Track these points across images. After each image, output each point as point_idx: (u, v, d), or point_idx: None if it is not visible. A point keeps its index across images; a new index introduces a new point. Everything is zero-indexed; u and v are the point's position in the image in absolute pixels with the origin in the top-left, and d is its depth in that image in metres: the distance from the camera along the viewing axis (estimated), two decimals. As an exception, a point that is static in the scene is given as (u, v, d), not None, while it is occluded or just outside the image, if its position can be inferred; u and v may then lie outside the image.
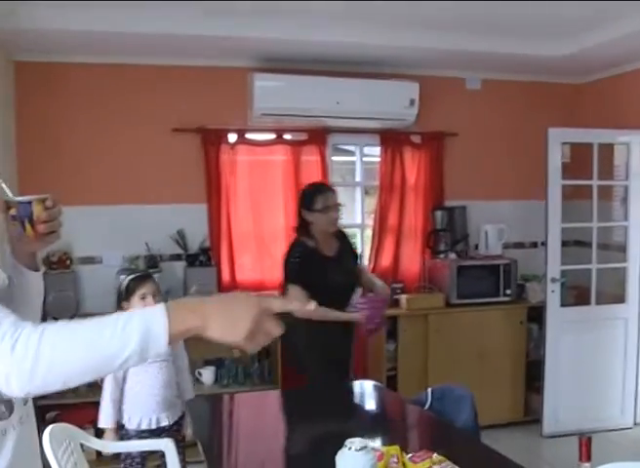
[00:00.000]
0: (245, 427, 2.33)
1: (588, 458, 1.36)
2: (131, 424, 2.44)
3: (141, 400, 2.44)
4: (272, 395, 3.02)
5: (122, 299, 2.47)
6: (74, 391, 3.41)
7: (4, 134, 3.37)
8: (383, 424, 2.27)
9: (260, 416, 2.41)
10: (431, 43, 3.48)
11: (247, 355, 3.67)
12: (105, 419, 2.42)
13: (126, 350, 0.83)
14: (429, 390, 2.35)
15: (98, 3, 2.90)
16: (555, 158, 3.71)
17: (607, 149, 4.01)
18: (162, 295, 2.60)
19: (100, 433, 2.52)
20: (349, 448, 1.46)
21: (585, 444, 1.38)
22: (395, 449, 1.65)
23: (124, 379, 2.44)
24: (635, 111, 3.89)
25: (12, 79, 3.50)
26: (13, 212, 1.08)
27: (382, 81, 3.76)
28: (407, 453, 1.65)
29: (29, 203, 1.07)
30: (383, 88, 3.75)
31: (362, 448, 1.45)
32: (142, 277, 2.52)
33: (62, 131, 3.60)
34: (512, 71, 4.14)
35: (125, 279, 2.53)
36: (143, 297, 2.42)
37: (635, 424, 3.92)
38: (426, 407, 2.31)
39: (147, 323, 0.85)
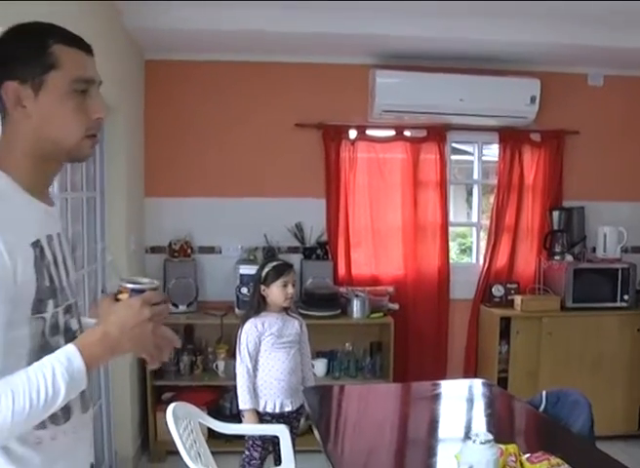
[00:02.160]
0: (357, 417, 2.65)
1: None
2: (257, 406, 2.81)
3: (268, 384, 2.81)
4: (384, 388, 3.42)
5: (261, 284, 2.85)
6: (190, 374, 4.04)
7: (135, 129, 3.96)
8: (498, 422, 2.47)
9: (371, 408, 2.73)
10: (553, 38, 3.81)
11: (359, 348, 4.21)
12: (244, 401, 2.79)
13: (58, 400, 1.04)
14: (544, 393, 2.57)
15: (226, 3, 3.39)
16: (680, 158, 4.05)
17: None
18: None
19: (212, 415, 2.89)
20: (474, 441, 1.65)
21: None
22: (513, 448, 1.79)
23: (255, 362, 2.82)
24: None
25: (142, 77, 4.11)
26: (123, 297, 1.17)
27: (503, 78, 4.12)
28: (524, 453, 1.80)
29: (142, 291, 1.16)
30: (504, 85, 4.11)
31: (487, 442, 1.64)
32: (286, 265, 2.90)
33: (187, 126, 4.17)
34: (636, 67, 4.45)
35: (267, 266, 2.92)
36: (285, 285, 2.83)
37: None
38: (541, 409, 2.52)
39: (69, 372, 1.04)
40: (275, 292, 2.83)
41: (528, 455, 1.80)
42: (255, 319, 2.85)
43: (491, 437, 1.67)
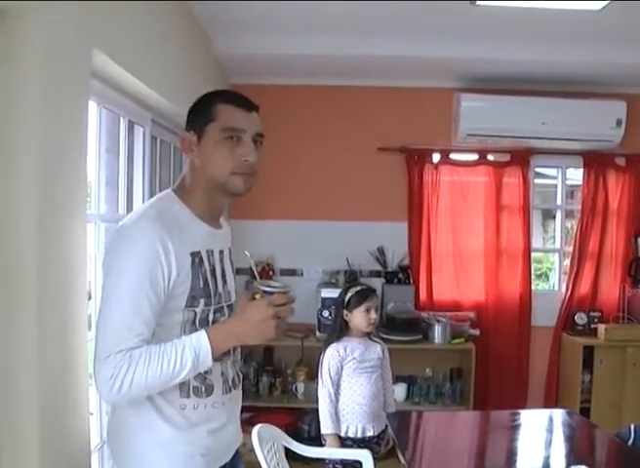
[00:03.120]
0: (437, 444, 2.73)
1: None
2: (339, 431, 2.90)
3: (350, 408, 2.90)
4: (464, 415, 3.55)
5: (343, 308, 2.96)
6: (269, 395, 4.24)
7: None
8: (583, 455, 2.51)
9: (451, 435, 2.82)
10: (639, 59, 3.94)
11: (439, 373, 4.37)
12: (326, 426, 2.89)
13: (182, 373, 1.40)
14: (632, 426, 2.56)
15: (304, 29, 3.61)
16: None
17: None
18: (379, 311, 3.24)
19: (291, 437, 2.93)
20: None
21: None
22: None
23: (337, 387, 2.92)
24: None
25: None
26: (257, 297, 1.48)
27: (588, 100, 4.25)
28: None
29: (272, 293, 1.48)
30: (589, 107, 4.24)
31: None
32: (370, 291, 3.00)
33: (270, 149, 4.37)
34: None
35: (350, 291, 3.07)
36: (368, 311, 2.93)
37: None
38: (629, 443, 2.51)
39: (196, 351, 1.41)
40: (358, 318, 2.94)
41: None
42: (337, 344, 2.96)
43: None
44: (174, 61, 2.95)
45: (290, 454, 2.93)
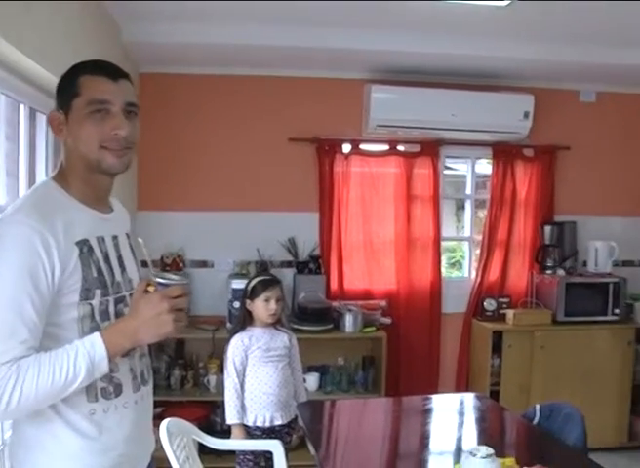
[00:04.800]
0: (349, 432, 2.85)
1: None
2: (247, 421, 3.05)
3: (257, 398, 3.05)
4: (377, 402, 3.73)
5: (247, 298, 3.13)
6: (180, 389, 4.37)
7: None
8: (492, 436, 2.70)
9: (364, 422, 2.96)
10: (546, 55, 4.24)
11: (351, 362, 4.58)
12: (231, 417, 3.02)
13: (76, 382, 1.34)
14: (538, 406, 2.81)
15: (216, 17, 3.74)
16: (671, 174, 4.50)
17: None
18: (284, 301, 3.38)
19: (203, 430, 2.94)
20: (475, 456, 1.82)
21: None
22: (511, 462, 1.97)
23: (243, 377, 3.05)
24: None
25: (137, 91, 4.45)
26: (150, 289, 1.45)
27: (497, 93, 4.59)
28: (521, 467, 1.99)
29: (167, 285, 1.48)
30: (498, 100, 4.57)
31: (488, 457, 1.81)
32: (271, 281, 3.16)
33: (181, 139, 4.57)
34: (628, 84, 4.96)
35: (253, 280, 3.20)
36: (267, 301, 3.08)
37: None
38: (534, 422, 2.76)
39: (90, 356, 1.35)
40: (259, 307, 3.10)
41: None
42: (241, 334, 3.11)
43: (492, 451, 1.85)
44: (79, 49, 3.06)
45: (203, 449, 3.06)
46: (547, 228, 4.84)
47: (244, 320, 3.16)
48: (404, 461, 2.53)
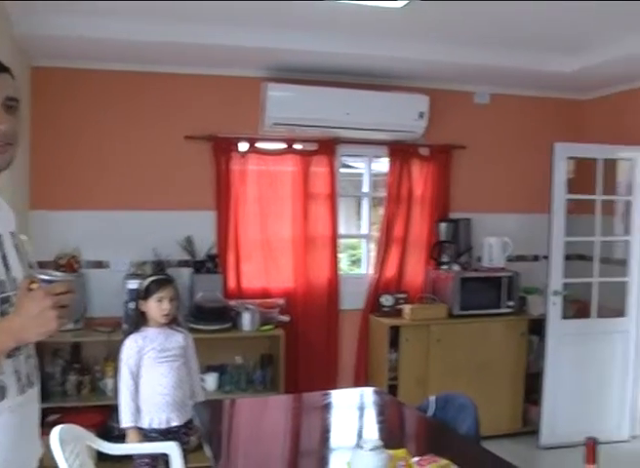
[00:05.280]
0: (249, 431, 2.84)
1: (593, 461, 1.71)
2: (142, 423, 3.02)
3: (152, 399, 3.03)
4: (276, 400, 3.78)
5: (140, 298, 3.12)
6: (77, 394, 4.31)
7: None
8: (389, 429, 2.80)
9: (263, 420, 2.97)
10: (442, 56, 4.43)
11: (250, 361, 4.62)
12: (125, 420, 3.00)
13: None
14: (433, 398, 2.93)
15: (114, 11, 3.74)
16: (560, 172, 4.76)
17: (610, 165, 5.07)
18: (179, 300, 3.39)
19: (101, 436, 2.96)
20: (362, 448, 1.87)
21: (591, 447, 1.72)
22: (403, 453, 2.02)
23: (137, 378, 3.03)
24: (639, 128, 4.94)
25: (28, 84, 4.39)
26: (34, 286, 1.43)
27: (393, 93, 4.76)
28: (413, 458, 2.04)
29: (51, 282, 1.47)
30: (394, 100, 4.74)
31: (375, 448, 1.85)
32: (163, 281, 3.17)
33: (75, 136, 4.53)
34: (521, 86, 5.25)
35: (147, 279, 3.19)
36: (160, 300, 3.07)
37: (632, 437, 5.00)
38: (430, 414, 2.87)
39: None
40: (152, 308, 3.10)
41: (417, 459, 2.03)
42: (135, 334, 3.10)
43: (379, 443, 1.89)
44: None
45: (102, 455, 3.01)
46: (443, 225, 5.05)
47: (138, 321, 3.15)
48: (305, 458, 2.58)
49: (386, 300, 4.86)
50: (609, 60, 4.42)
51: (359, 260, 5.40)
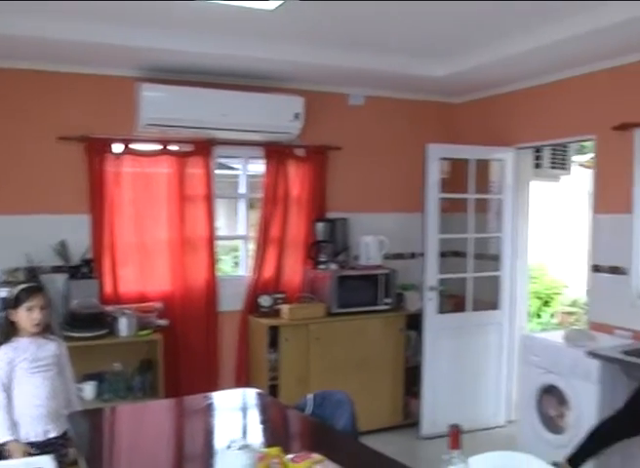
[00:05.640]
0: (128, 439, 2.86)
1: (457, 446, 1.82)
2: (20, 437, 2.97)
3: (27, 411, 3.01)
4: (154, 405, 3.78)
5: (10, 308, 3.10)
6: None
7: None
8: (266, 430, 2.87)
9: (145, 427, 2.99)
10: (316, 59, 4.63)
11: (129, 367, 4.69)
12: (2, 434, 2.93)
13: None
14: (311, 396, 3.01)
15: None
16: (433, 173, 5.08)
17: (484, 165, 5.46)
18: (50, 308, 3.37)
19: None
20: (230, 447, 1.92)
21: (454, 433, 1.81)
22: (276, 451, 2.09)
23: (10, 391, 3.00)
24: (509, 130, 5.40)
25: None
26: None
27: (268, 94, 4.91)
28: (288, 455, 2.11)
29: None
30: (269, 101, 4.90)
31: (243, 447, 1.92)
32: (33, 289, 3.16)
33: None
34: (394, 89, 5.54)
35: (16, 288, 3.18)
36: (30, 309, 3.06)
37: (508, 422, 5.40)
38: (308, 412, 2.95)
39: None
40: (22, 317, 3.08)
41: (291, 456, 2.10)
42: (5, 345, 3.07)
43: (247, 442, 1.97)
44: None
45: None
46: (320, 225, 5.27)
47: (8, 331, 3.12)
48: (190, 462, 2.64)
49: (265, 301, 5.02)
50: (477, 66, 4.76)
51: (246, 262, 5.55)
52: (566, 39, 3.97)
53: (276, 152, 5.16)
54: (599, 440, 3.65)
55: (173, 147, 4.89)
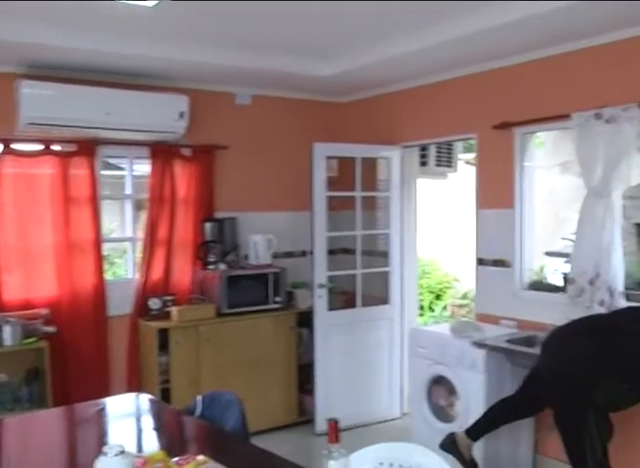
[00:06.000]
0: (16, 452, 2.78)
1: (336, 440, 1.86)
2: None
3: None
4: (43, 415, 3.66)
5: None
6: None
7: None
8: (152, 434, 2.90)
9: (31, 439, 2.94)
10: (202, 57, 4.71)
11: (15, 377, 4.64)
12: None
13: None
14: (200, 398, 3.01)
15: None
16: (320, 171, 5.27)
17: (371, 163, 5.74)
18: None
19: None
20: (107, 454, 1.90)
21: (333, 427, 1.85)
22: (160, 455, 2.09)
23: None
24: (394, 129, 5.67)
25: None
26: None
27: (152, 93, 4.96)
28: (173, 458, 2.12)
29: None
30: (153, 100, 4.94)
31: (120, 453, 1.90)
32: None
33: None
34: (281, 88, 5.72)
35: None
36: None
37: (403, 414, 5.68)
38: (197, 414, 2.95)
39: None
40: None
41: (176, 459, 2.13)
42: None
43: (123, 448, 1.94)
44: None
45: None
46: (208, 225, 5.36)
47: None
48: None
49: (154, 304, 5.07)
50: (362, 66, 4.99)
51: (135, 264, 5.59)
52: (448, 41, 4.26)
53: (162, 152, 5.21)
54: (496, 418, 3.98)
55: (56, 147, 4.85)
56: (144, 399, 3.46)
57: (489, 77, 4.87)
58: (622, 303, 3.98)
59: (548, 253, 5.99)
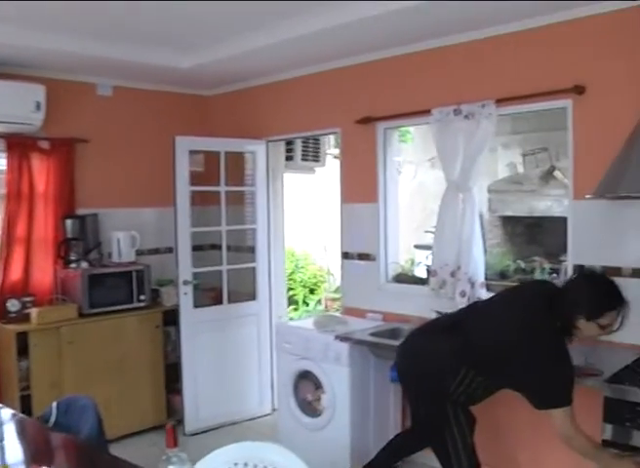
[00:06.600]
0: None
1: (175, 445, 1.90)
2: None
3: None
4: None
5: None
6: None
7: None
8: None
9: None
10: (59, 45, 4.66)
11: None
12: None
13: None
14: (54, 404, 2.97)
15: None
16: (182, 165, 5.34)
17: (239, 158, 5.90)
18: None
19: None
20: None
21: (170, 431, 1.90)
22: None
23: None
24: (259, 123, 5.84)
25: None
26: None
27: (5, 82, 4.83)
28: None
29: None
30: (6, 89, 4.82)
31: None
32: None
33: None
34: (143, 80, 5.75)
35: None
36: None
37: (273, 410, 5.86)
38: (52, 422, 2.91)
39: None
40: None
41: None
42: None
43: None
44: None
45: None
46: (69, 222, 5.32)
47: None
48: None
49: (13, 305, 4.96)
50: (218, 59, 5.10)
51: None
52: (300, 37, 4.45)
53: (18, 145, 5.11)
54: (393, 452, 4.10)
55: None
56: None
57: (352, 72, 5.11)
58: (483, 294, 4.32)
59: (417, 246, 6.39)
